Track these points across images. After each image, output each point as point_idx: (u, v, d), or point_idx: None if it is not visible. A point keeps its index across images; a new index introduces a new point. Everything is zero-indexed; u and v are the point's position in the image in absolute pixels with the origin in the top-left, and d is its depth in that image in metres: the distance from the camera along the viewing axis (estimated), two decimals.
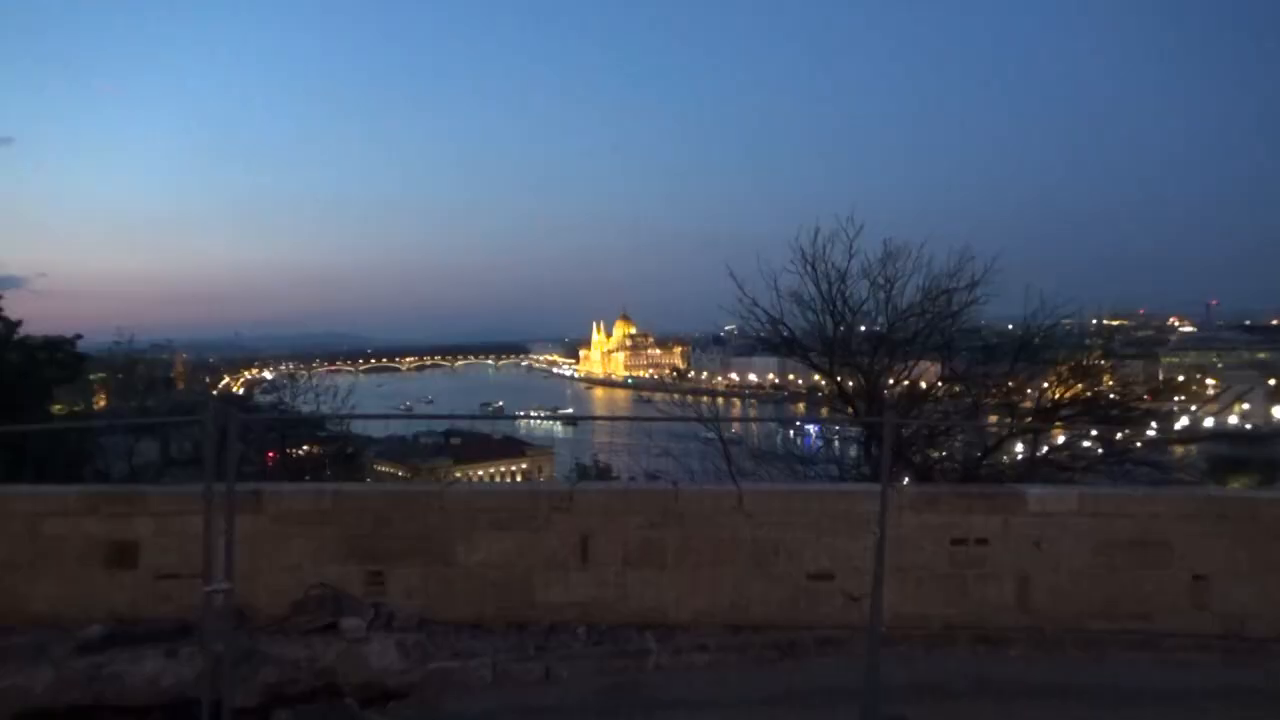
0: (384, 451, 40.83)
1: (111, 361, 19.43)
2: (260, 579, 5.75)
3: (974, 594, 5.90)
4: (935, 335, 14.08)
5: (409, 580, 5.91)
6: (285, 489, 6.18)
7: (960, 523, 5.91)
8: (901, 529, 5.74)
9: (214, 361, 37.63)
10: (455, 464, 51.22)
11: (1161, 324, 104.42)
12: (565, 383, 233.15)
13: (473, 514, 5.93)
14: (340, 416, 21.08)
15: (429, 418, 39.32)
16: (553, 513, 5.92)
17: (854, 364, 13.72)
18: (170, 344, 26.96)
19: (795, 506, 5.96)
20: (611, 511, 5.94)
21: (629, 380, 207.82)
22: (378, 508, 5.98)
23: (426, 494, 6.05)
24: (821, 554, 5.90)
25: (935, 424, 13.12)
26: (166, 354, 25.87)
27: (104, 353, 19.38)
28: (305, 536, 5.90)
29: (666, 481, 7.56)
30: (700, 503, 5.97)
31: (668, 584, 5.90)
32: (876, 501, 5.12)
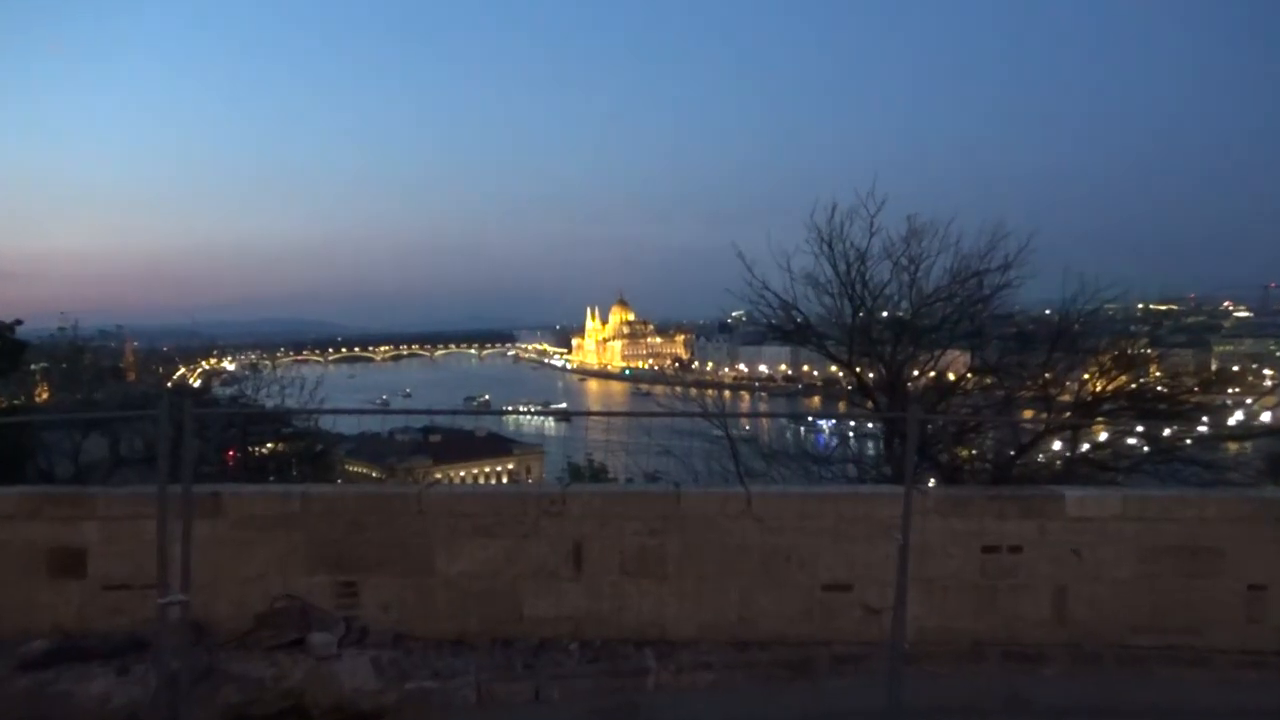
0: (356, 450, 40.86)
1: (54, 350, 19.37)
2: (220, 590, 5.76)
3: (1006, 606, 5.92)
4: (964, 322, 14.08)
5: (384, 591, 5.92)
6: (247, 491, 6.19)
7: (991, 528, 5.92)
8: (926, 535, 5.75)
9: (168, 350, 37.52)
10: (435, 464, 51.27)
11: (1214, 309, 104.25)
12: (556, 374, 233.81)
13: (454, 519, 5.94)
14: (308, 412, 21.04)
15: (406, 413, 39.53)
16: (542, 517, 5.93)
17: (875, 354, 13.73)
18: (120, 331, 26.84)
19: (809, 511, 5.97)
20: (607, 516, 5.94)
21: (626, 372, 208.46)
22: (350, 512, 5.98)
23: (403, 497, 6.05)
24: (838, 563, 5.91)
25: (964, 420, 13.13)
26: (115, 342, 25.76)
27: (46, 340, 19.32)
28: (270, 543, 5.91)
29: (667, 483, 7.56)
30: (705, 506, 5.98)
31: (669, 595, 5.92)
32: (899, 505, 5.12)
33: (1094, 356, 14.16)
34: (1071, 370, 13.94)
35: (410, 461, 37.93)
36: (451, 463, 58.01)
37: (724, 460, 13.61)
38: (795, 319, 14.73)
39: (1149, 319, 20.94)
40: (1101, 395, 13.48)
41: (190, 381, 31.08)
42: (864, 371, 14.00)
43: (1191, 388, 14.23)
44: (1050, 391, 13.32)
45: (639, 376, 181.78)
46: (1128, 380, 13.84)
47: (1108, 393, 13.51)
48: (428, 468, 44.28)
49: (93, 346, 21.58)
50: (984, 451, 13.69)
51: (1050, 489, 6.43)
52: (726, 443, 13.65)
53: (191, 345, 44.47)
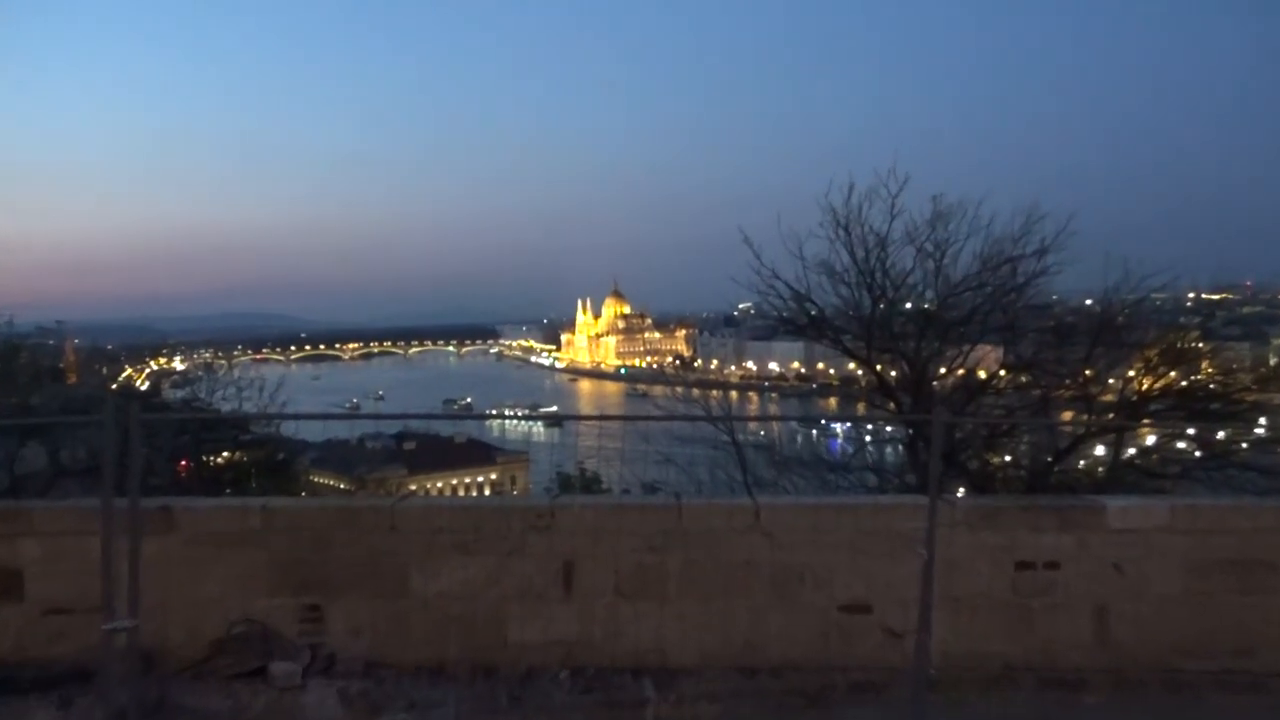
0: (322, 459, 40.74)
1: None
2: (172, 614, 5.77)
3: (1041, 628, 5.94)
4: (996, 313, 14.12)
5: (354, 615, 5.94)
6: (202, 505, 6.19)
7: (1025, 542, 5.94)
8: (954, 550, 5.77)
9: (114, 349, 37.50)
10: (409, 474, 51.23)
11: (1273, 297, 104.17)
12: (544, 373, 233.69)
13: (431, 534, 5.95)
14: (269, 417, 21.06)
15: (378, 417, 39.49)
16: (529, 533, 5.95)
17: (896, 349, 13.77)
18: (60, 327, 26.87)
19: (825, 524, 5.99)
20: (601, 531, 5.96)
21: (622, 371, 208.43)
22: (316, 527, 6.00)
23: (375, 510, 6.07)
24: (856, 581, 5.93)
25: (996, 422, 13.17)
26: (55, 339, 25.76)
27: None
28: (227, 562, 5.92)
29: (668, 494, 7.57)
30: (709, 520, 6.00)
31: (669, 618, 5.94)
32: (924, 517, 5.14)
33: (1140, 351, 14.21)
34: (1115, 367, 13.98)
35: (382, 471, 37.88)
36: (428, 472, 57.96)
37: (730, 469, 13.64)
38: (808, 311, 14.75)
39: (1201, 309, 20.98)
40: (1148, 394, 13.52)
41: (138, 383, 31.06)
42: (885, 369, 14.03)
43: (1248, 385, 14.26)
44: (1091, 390, 13.36)
45: (636, 376, 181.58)
46: (1177, 377, 13.88)
47: (1155, 391, 13.55)
48: (402, 478, 44.22)
49: (29, 345, 21.56)
50: (1018, 457, 13.72)
51: (1091, 499, 6.45)
52: (733, 449, 13.68)
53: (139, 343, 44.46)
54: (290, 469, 21.33)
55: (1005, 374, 14.33)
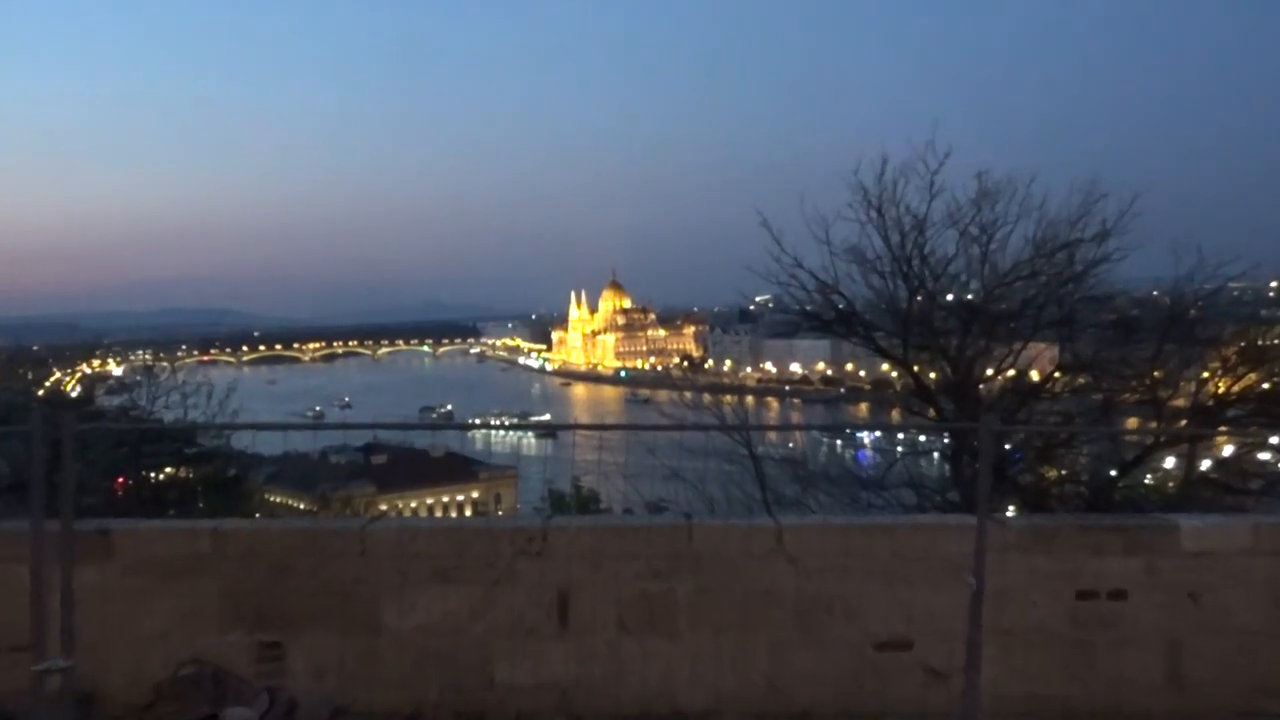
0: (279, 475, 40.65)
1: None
2: (112, 652, 5.76)
3: (1105, 666, 5.93)
4: (1051, 306, 14.12)
5: (318, 653, 5.94)
6: (145, 527, 6.19)
7: (1087, 568, 5.93)
8: (1005, 577, 5.76)
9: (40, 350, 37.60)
10: (380, 492, 51.16)
11: None
12: (533, 376, 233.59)
13: (407, 561, 5.95)
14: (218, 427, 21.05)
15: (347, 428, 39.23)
16: (519, 558, 5.94)
17: (937, 348, 13.76)
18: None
19: (857, 547, 5.98)
20: (601, 556, 5.96)
21: (622, 374, 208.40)
22: (274, 553, 6.00)
23: (342, 533, 6.07)
24: (894, 613, 5.93)
25: (1051, 431, 13.17)
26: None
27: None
28: (173, 593, 5.92)
29: (676, 514, 7.55)
30: (724, 543, 6.00)
31: (679, 656, 5.94)
32: (970, 539, 5.14)
33: (1215, 349, 14.19)
34: (1187, 367, 13.97)
35: (348, 489, 37.85)
36: (401, 490, 57.92)
37: (747, 485, 13.65)
38: (836, 305, 14.78)
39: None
40: (1225, 398, 13.51)
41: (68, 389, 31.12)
42: (924, 371, 14.03)
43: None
44: (1160, 394, 13.35)
45: (638, 379, 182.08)
46: (1258, 379, 13.87)
47: (1233, 395, 13.54)
48: (370, 497, 44.13)
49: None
50: (1077, 471, 13.73)
51: (1161, 517, 6.44)
52: (750, 463, 13.67)
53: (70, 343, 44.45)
54: (243, 487, 21.36)
55: (1061, 376, 14.33)
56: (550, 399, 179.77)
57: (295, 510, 30.80)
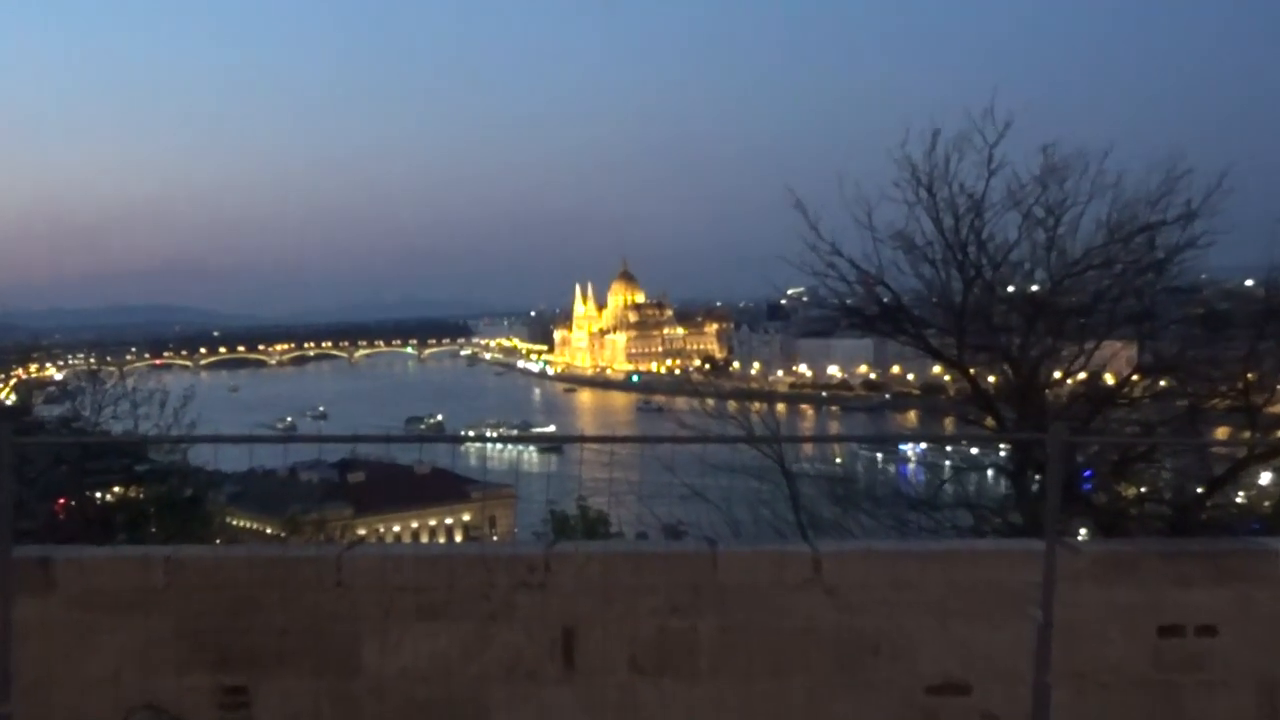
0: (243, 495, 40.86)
1: None
2: (55, 696, 5.78)
3: (1193, 712, 5.90)
4: (1128, 299, 14.06)
5: (289, 699, 5.95)
6: (91, 556, 6.21)
7: (1171, 600, 5.91)
8: (1077, 611, 5.74)
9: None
10: (357, 514, 51.44)
11: None
12: (532, 381, 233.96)
13: (389, 594, 5.96)
14: (173, 440, 21.14)
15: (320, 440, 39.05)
16: (517, 591, 5.94)
17: (997, 347, 13.72)
18: None
19: (906, 577, 5.97)
20: (611, 587, 5.95)
21: (634, 378, 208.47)
22: (238, 585, 6.01)
23: (316, 562, 6.08)
24: (948, 652, 5.91)
25: (1129, 443, 13.11)
26: None
27: None
28: (124, 630, 5.94)
29: (698, 540, 7.55)
30: (753, 572, 5.99)
31: (702, 703, 5.93)
32: (1036, 568, 5.12)
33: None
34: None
35: (322, 511, 37.97)
36: (382, 512, 58.19)
37: (779, 506, 13.62)
38: (880, 298, 14.73)
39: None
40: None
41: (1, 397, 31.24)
42: (982, 374, 13.98)
43: None
44: (1255, 400, 13.27)
45: (652, 384, 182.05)
46: None
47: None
48: (348, 520, 44.39)
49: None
50: (1159, 488, 13.66)
51: (1257, 541, 6.42)
52: (782, 480, 13.65)
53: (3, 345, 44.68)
54: (201, 509, 21.39)
55: (1140, 379, 14.27)
56: (553, 407, 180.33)
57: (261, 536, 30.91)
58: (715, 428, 16.88)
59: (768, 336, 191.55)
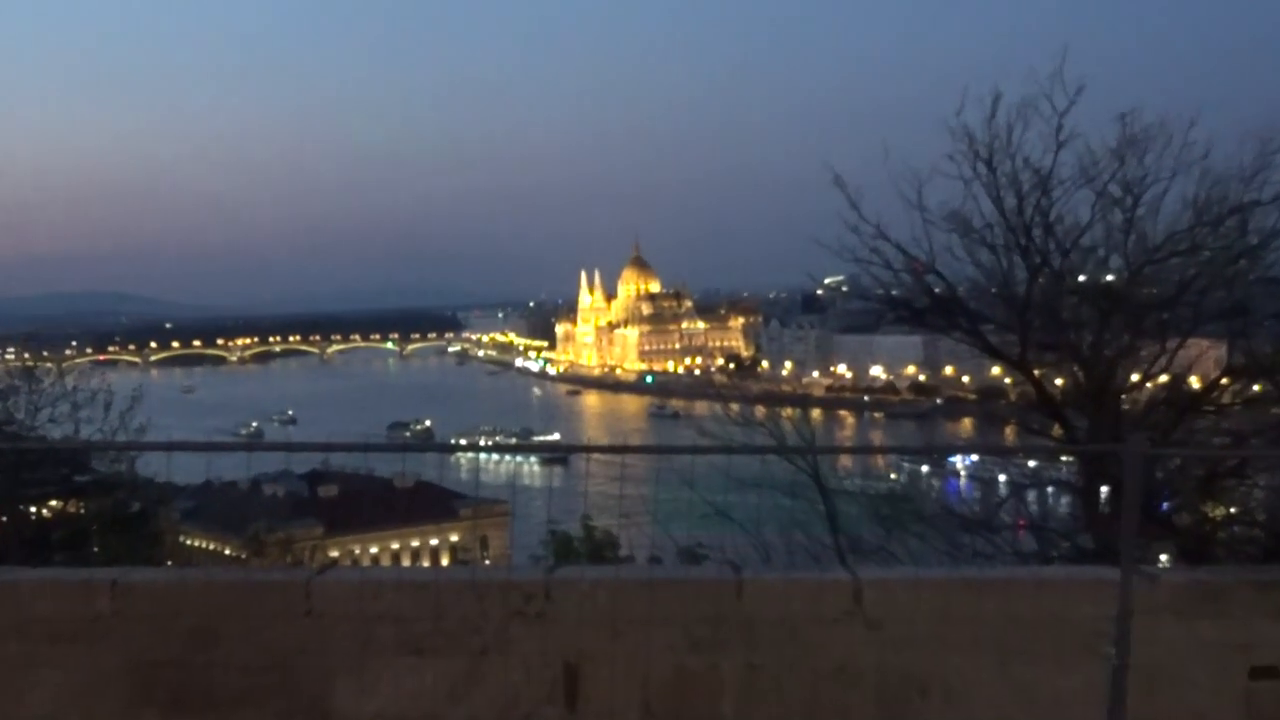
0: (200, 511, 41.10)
1: None
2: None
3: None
4: (1218, 290, 14.02)
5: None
6: (27, 579, 6.23)
7: (1265, 636, 5.90)
8: (1157, 649, 5.73)
9: None
10: (328, 533, 51.50)
11: None
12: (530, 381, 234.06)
13: (366, 624, 5.97)
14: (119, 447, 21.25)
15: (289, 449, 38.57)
16: (513, 622, 5.96)
17: (1066, 345, 13.70)
18: None
19: (958, 609, 5.96)
20: (621, 619, 5.96)
21: (648, 380, 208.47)
22: (194, 613, 6.02)
23: (282, 589, 6.11)
24: (1007, 695, 5.90)
25: (1217, 456, 13.07)
26: None
27: None
28: (65, 664, 5.96)
29: (720, 565, 7.55)
30: (784, 602, 5.99)
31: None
32: (1109, 599, 5.10)
33: None
34: None
35: (290, 529, 38.18)
36: (358, 531, 58.21)
37: (813, 526, 13.62)
38: (931, 288, 14.72)
39: None
40: None
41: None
42: (1048, 376, 13.96)
43: None
44: None
45: (668, 386, 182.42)
46: None
47: None
48: (319, 540, 44.52)
49: None
50: (1251, 509, 13.62)
51: None
52: (817, 497, 13.65)
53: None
54: (151, 525, 21.53)
55: (1231, 382, 14.24)
56: (554, 412, 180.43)
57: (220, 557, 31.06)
58: (741, 437, 16.87)
59: (802, 332, 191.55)
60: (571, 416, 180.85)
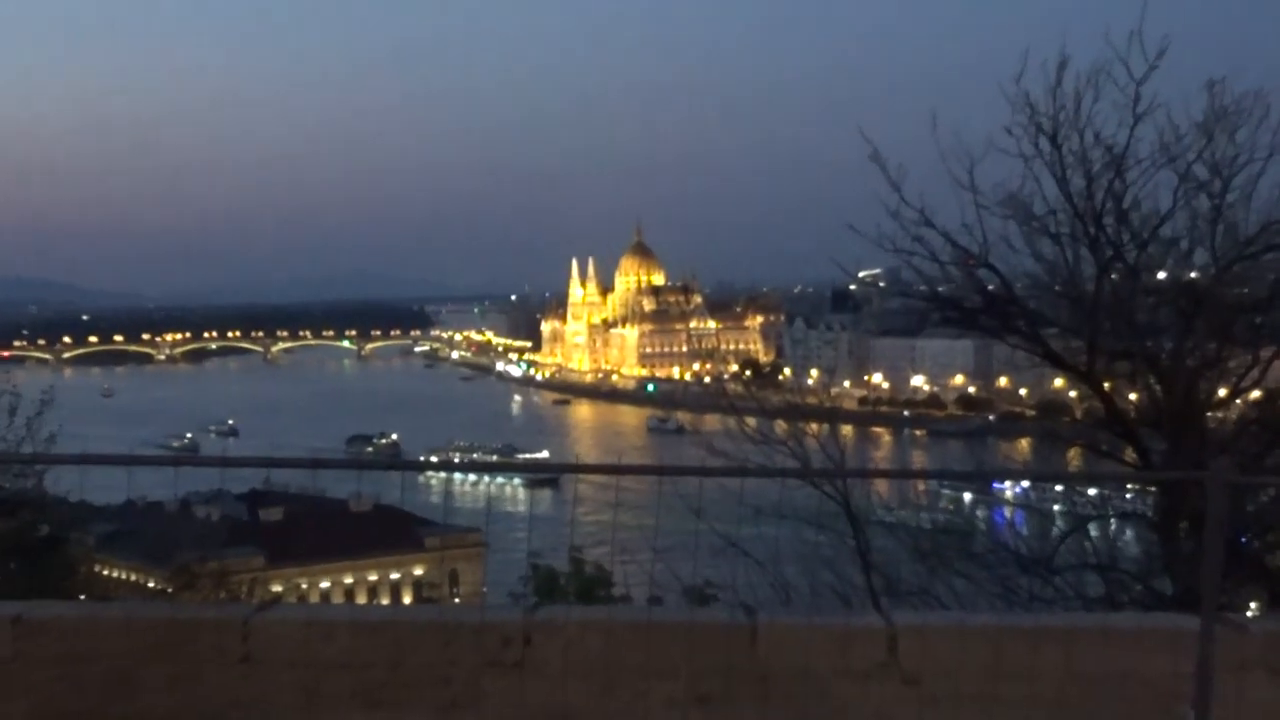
0: (120, 536, 41.09)
1: None
2: None
3: None
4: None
5: None
6: None
7: None
8: (1244, 711, 5.74)
9: None
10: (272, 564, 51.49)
11: None
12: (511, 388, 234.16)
13: (314, 673, 5.98)
14: (24, 460, 21.26)
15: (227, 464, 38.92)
16: (486, 671, 5.97)
17: (1141, 353, 13.71)
18: None
19: (1013, 663, 5.96)
20: (614, 669, 5.97)
21: (649, 388, 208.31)
22: (112, 656, 6.03)
23: (216, 629, 6.12)
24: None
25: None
26: None
27: None
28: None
29: (732, 607, 7.55)
30: (806, 652, 5.99)
31: None
32: (1189, 652, 5.11)
33: None
34: None
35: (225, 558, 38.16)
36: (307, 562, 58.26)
37: (842, 563, 13.62)
38: (984, 284, 14.71)
39: None
40: None
41: None
42: (1120, 389, 13.97)
43: None
44: None
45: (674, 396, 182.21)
46: None
47: None
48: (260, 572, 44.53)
49: None
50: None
51: None
52: (848, 528, 13.66)
53: None
54: (62, 552, 21.53)
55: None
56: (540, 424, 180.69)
57: (143, 590, 31.09)
58: (758, 457, 16.88)
59: (831, 334, 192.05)
60: (559, 430, 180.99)
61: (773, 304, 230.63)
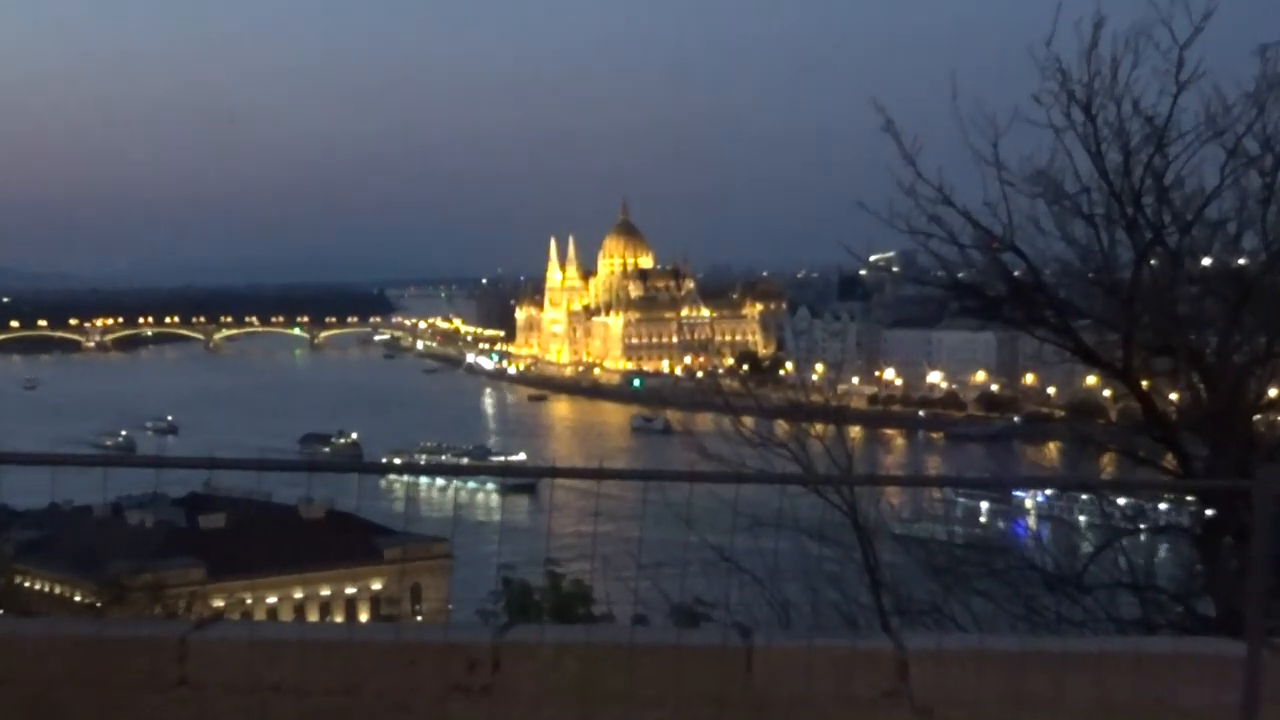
0: (42, 544, 41.05)
1: None
2: None
3: None
4: None
5: None
6: None
7: None
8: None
9: None
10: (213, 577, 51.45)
11: None
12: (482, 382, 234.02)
13: (258, 698, 5.98)
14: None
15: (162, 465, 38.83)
16: (451, 697, 5.97)
17: (1183, 348, 13.73)
18: None
19: (1036, 692, 5.97)
20: (594, 694, 5.97)
21: (635, 384, 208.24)
22: (33, 680, 6.03)
23: (150, 648, 6.11)
24: None
25: None
26: None
27: None
28: None
29: (725, 627, 7.57)
30: (807, 678, 6.00)
31: None
32: (1233, 680, 5.12)
33: None
34: None
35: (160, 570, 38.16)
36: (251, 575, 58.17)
37: (848, 581, 13.64)
38: (1009, 270, 14.72)
39: None
40: None
41: None
42: (1159, 388, 13.98)
43: None
44: None
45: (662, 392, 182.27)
46: None
47: None
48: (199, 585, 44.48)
49: None
50: None
51: None
52: (855, 541, 13.68)
53: None
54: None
55: None
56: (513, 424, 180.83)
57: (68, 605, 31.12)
58: (756, 461, 16.91)
59: (838, 324, 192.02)
60: (535, 430, 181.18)
61: (773, 291, 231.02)
